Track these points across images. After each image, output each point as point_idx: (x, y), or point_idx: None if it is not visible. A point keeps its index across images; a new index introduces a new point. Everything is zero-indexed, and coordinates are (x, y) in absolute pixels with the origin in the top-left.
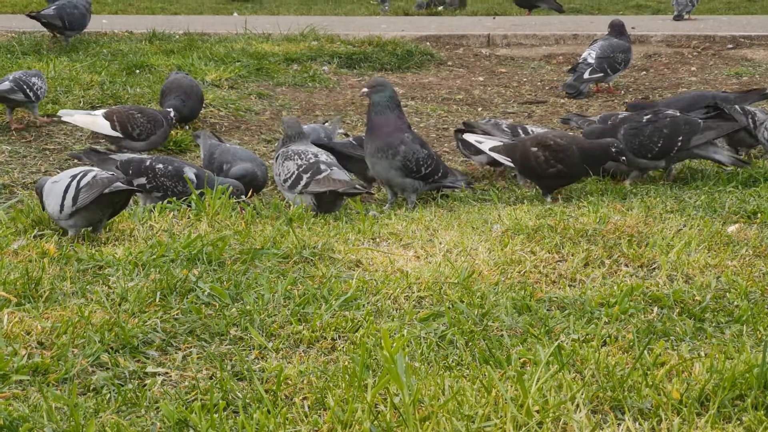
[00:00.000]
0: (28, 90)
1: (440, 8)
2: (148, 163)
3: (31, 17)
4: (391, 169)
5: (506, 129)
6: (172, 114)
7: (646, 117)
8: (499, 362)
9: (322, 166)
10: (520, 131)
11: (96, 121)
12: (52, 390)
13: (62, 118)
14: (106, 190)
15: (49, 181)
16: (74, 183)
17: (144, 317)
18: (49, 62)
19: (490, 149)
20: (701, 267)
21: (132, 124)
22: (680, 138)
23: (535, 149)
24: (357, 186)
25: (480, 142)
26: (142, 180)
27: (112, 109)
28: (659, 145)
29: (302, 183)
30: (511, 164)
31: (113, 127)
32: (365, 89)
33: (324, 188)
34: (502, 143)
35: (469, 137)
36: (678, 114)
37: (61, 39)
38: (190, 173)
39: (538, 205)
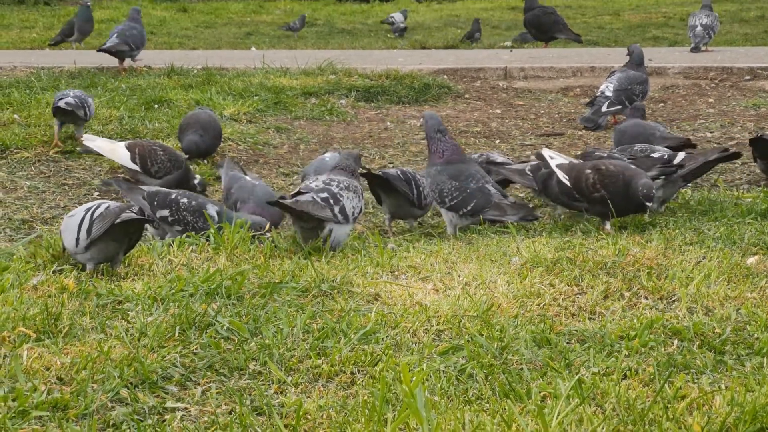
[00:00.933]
0: (87, 108)
1: (507, 44)
2: (173, 197)
3: (103, 51)
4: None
5: None
6: (197, 181)
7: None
8: (519, 396)
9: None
10: None
11: (117, 150)
12: (71, 426)
13: (84, 143)
14: (117, 220)
15: (66, 216)
16: (88, 215)
17: (163, 352)
18: None
19: (556, 165)
20: (721, 299)
21: (152, 160)
22: None
23: (588, 171)
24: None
25: (552, 158)
26: (165, 212)
27: (136, 142)
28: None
29: None
30: (568, 182)
31: (133, 159)
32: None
33: None
34: (568, 162)
35: (545, 152)
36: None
37: (123, 65)
38: (211, 210)
39: (556, 237)
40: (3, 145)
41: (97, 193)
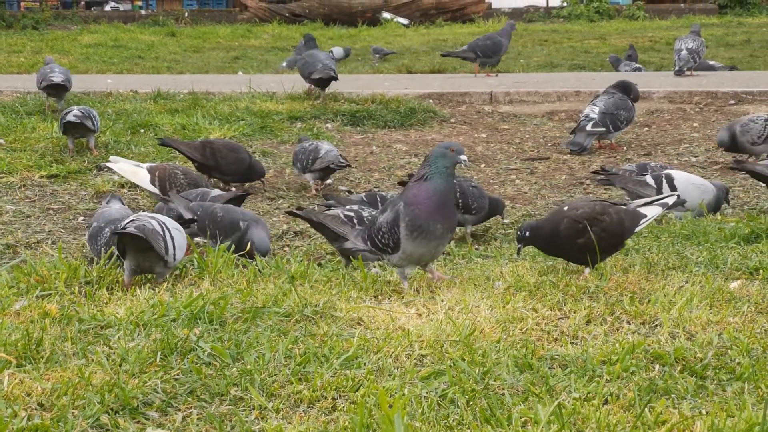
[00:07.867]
0: (93, 119)
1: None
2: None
3: (444, 56)
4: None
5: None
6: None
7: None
8: (500, 422)
9: None
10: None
11: (138, 173)
12: None
13: (109, 165)
14: None
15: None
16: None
17: (144, 378)
18: (53, 122)
19: None
20: (703, 324)
21: (171, 182)
22: None
23: None
24: None
25: None
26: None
27: (158, 165)
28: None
29: None
30: None
31: (152, 182)
32: None
33: None
34: None
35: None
36: None
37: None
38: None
39: (540, 261)
40: None
41: (81, 218)
